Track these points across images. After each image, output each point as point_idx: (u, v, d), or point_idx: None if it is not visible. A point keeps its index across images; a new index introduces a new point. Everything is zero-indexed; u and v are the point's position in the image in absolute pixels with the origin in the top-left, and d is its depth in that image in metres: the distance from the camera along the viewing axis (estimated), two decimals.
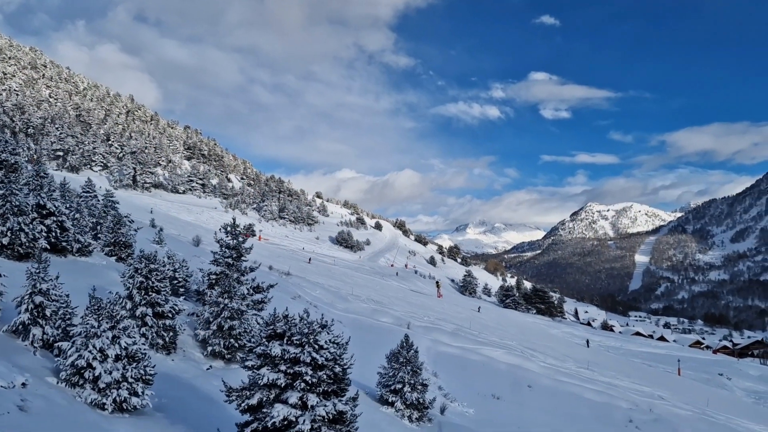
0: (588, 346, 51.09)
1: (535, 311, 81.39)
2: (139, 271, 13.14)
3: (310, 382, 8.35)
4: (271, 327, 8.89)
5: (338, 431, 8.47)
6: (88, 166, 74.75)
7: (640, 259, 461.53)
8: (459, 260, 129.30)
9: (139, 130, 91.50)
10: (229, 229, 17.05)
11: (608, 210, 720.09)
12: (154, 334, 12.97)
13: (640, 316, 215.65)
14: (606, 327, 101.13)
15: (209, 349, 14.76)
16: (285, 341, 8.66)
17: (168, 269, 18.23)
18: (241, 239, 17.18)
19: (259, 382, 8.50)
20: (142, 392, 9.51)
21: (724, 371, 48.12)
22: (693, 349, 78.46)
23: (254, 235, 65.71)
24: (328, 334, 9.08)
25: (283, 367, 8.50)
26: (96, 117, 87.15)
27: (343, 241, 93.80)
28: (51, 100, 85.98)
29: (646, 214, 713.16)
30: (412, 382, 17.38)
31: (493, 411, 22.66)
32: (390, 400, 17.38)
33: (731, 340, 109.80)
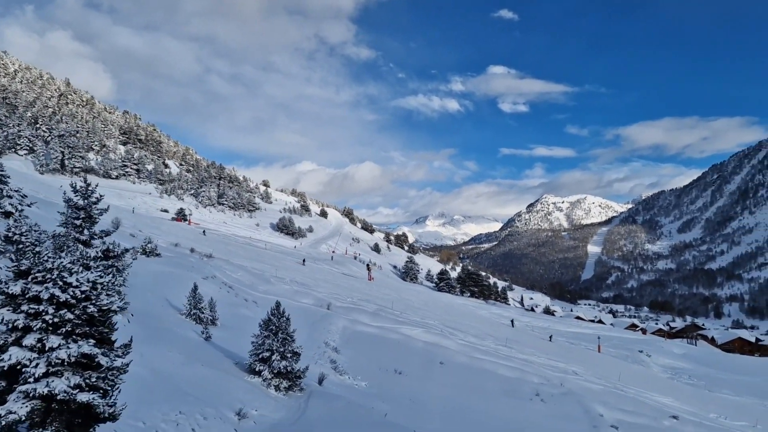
0: (513, 325, 51.38)
1: (469, 294, 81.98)
2: None
3: (51, 322, 7.41)
4: (16, 264, 7.90)
5: (87, 377, 7.55)
6: (13, 149, 70.97)
7: (593, 249, 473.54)
8: (406, 248, 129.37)
9: (71, 114, 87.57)
10: (78, 188, 15.82)
11: (563, 202, 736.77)
12: None
13: (589, 304, 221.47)
14: (548, 312, 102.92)
15: None
16: (30, 279, 7.69)
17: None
18: (93, 200, 15.99)
19: None
20: None
21: (646, 349, 49.14)
22: (626, 331, 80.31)
23: (185, 220, 64.14)
24: (92, 273, 8.16)
25: (25, 308, 7.54)
26: (24, 100, 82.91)
27: (284, 227, 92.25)
28: None
29: (599, 206, 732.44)
30: (282, 350, 16.56)
31: (389, 385, 22.16)
32: (257, 369, 16.52)
33: (669, 324, 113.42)
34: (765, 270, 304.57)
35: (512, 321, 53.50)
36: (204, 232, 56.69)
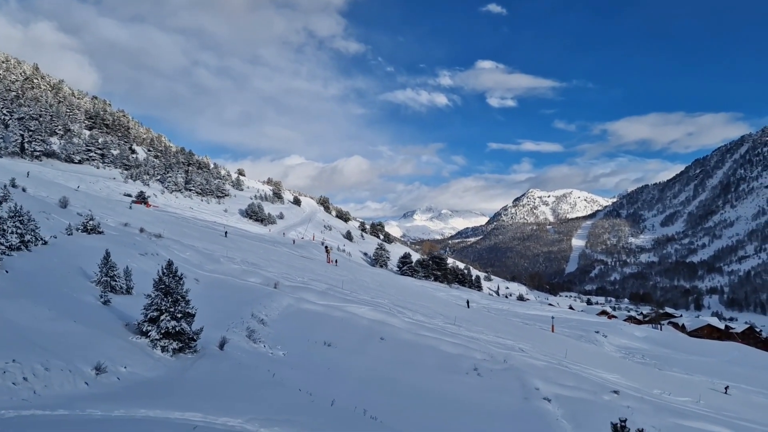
0: (468, 306, 50.88)
1: (433, 278, 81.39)
2: None
3: None
4: None
5: None
6: None
7: (577, 243, 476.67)
8: (381, 237, 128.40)
9: (35, 98, 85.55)
10: None
11: (549, 196, 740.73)
12: None
13: (570, 296, 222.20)
14: (521, 299, 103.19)
15: None
16: None
17: None
18: None
19: None
20: None
21: (602, 329, 48.81)
22: (592, 315, 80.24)
23: (144, 202, 63.37)
24: None
25: None
26: None
27: (253, 213, 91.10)
28: None
29: (585, 200, 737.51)
30: (172, 310, 15.73)
31: (312, 355, 21.48)
32: (145, 330, 15.65)
33: (642, 313, 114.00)
34: (745, 263, 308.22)
35: (467, 302, 52.97)
36: (226, 233, 54.87)
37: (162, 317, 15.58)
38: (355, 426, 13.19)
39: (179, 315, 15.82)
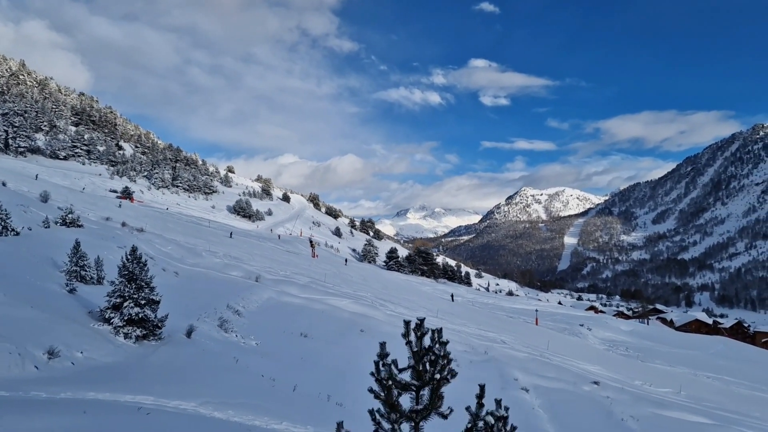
0: (452, 300, 50.78)
1: (420, 273, 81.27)
2: None
3: None
4: None
5: None
6: None
7: (569, 240, 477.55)
8: (371, 233, 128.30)
9: (20, 93, 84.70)
10: None
11: (542, 194, 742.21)
12: None
13: (561, 293, 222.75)
14: (510, 294, 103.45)
15: None
16: None
17: None
18: None
19: None
20: None
21: (587, 323, 48.72)
22: (584, 312, 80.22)
23: (129, 198, 63.11)
24: None
25: None
26: None
27: (241, 210, 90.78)
28: None
29: (577, 198, 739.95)
30: (136, 296, 15.45)
31: (287, 346, 21.24)
32: (108, 317, 15.38)
33: (632, 309, 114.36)
34: (735, 260, 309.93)
35: (452, 295, 52.89)
36: (231, 234, 54.96)
37: (125, 304, 15.29)
38: (316, 410, 12.97)
39: (143, 302, 15.53)
